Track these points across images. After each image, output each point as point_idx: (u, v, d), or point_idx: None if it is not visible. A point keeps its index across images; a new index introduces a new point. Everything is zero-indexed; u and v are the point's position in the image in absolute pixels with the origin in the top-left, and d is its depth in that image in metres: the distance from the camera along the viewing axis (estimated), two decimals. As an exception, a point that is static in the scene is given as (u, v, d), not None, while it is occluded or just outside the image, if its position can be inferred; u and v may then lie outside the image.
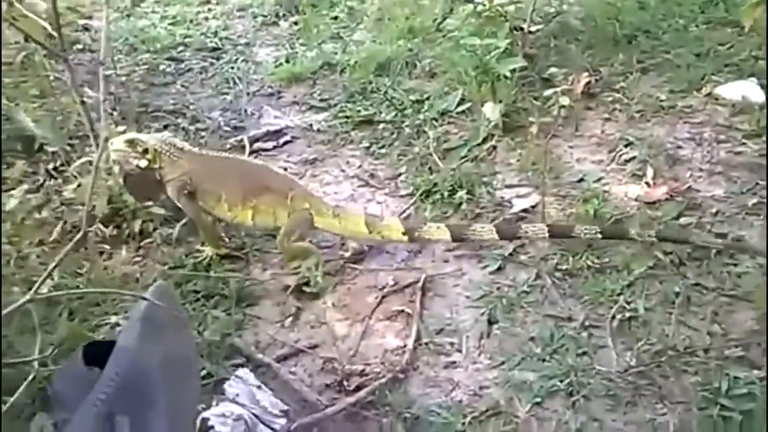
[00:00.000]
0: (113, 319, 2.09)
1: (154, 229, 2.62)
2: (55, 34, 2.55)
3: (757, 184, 2.60)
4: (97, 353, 1.45)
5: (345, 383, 2.02)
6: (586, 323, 2.12)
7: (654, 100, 3.13)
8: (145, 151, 2.43)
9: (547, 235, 2.29)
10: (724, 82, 3.20)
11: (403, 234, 2.37)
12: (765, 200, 2.49)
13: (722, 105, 3.09)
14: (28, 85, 3.10)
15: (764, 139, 2.84)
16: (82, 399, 1.31)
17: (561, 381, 1.95)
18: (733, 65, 3.33)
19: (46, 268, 2.39)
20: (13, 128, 2.93)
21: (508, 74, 2.96)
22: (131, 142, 2.43)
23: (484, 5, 3.11)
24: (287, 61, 3.80)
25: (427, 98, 3.34)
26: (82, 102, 2.66)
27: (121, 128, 2.90)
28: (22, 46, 3.07)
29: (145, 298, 1.52)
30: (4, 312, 1.53)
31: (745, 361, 1.94)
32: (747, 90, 3.10)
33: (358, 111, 3.31)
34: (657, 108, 3.09)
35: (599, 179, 2.71)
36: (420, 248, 2.50)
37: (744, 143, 2.84)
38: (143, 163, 2.44)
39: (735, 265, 2.25)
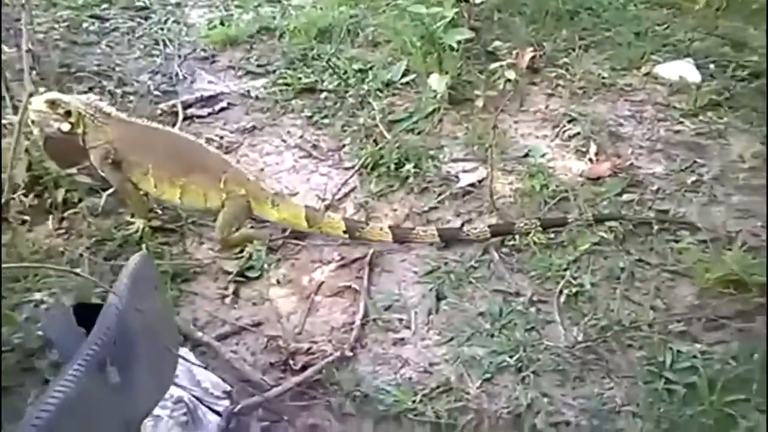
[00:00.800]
0: (37, 296, 1.91)
1: (79, 200, 2.43)
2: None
3: (695, 162, 2.67)
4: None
5: (290, 362, 1.95)
6: (534, 298, 2.12)
7: (596, 77, 3.15)
8: (68, 113, 2.24)
9: (489, 236, 2.29)
10: (662, 62, 3.26)
11: (344, 232, 2.30)
12: (703, 179, 2.56)
13: (661, 84, 3.14)
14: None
15: (701, 118, 2.92)
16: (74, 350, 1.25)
17: (510, 357, 1.94)
18: (670, 45, 3.40)
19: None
20: None
21: (455, 45, 2.90)
22: (53, 103, 2.22)
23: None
24: (222, 24, 3.58)
25: (371, 68, 3.23)
26: (-2, 58, 2.40)
27: (41, 89, 2.67)
28: None
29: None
30: None
31: (687, 336, 1.99)
32: (684, 70, 3.17)
33: (299, 78, 3.16)
34: (599, 85, 3.12)
35: (544, 155, 2.71)
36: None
37: (682, 122, 2.90)
38: (65, 127, 2.24)
39: (676, 241, 2.30)
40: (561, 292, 2.13)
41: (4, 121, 2.38)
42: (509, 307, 2.09)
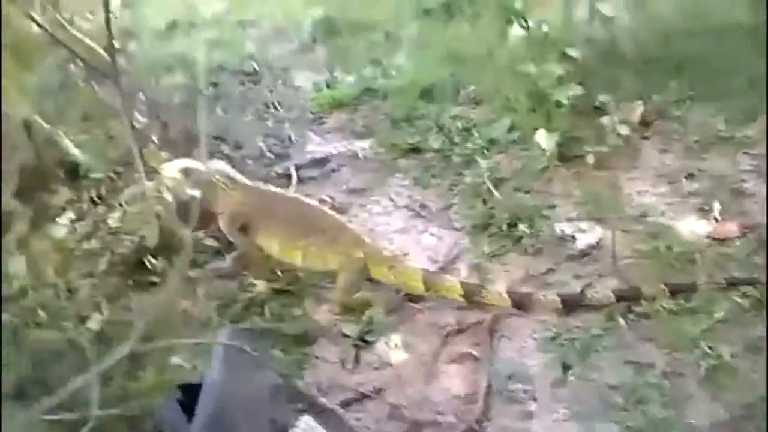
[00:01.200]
0: (174, 359, 1.99)
1: (205, 262, 2.54)
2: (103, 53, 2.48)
3: (830, 220, 2.50)
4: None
5: (415, 432, 1.92)
6: (668, 370, 2.01)
7: (711, 129, 3.04)
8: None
9: (614, 301, 2.21)
10: (780, 112, 3.11)
11: (462, 296, 2.27)
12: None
13: (782, 136, 2.99)
14: (70, 108, 3.03)
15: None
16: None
17: (649, 435, 1.84)
18: (787, 94, 3.24)
19: (95, 301, 2.34)
20: (55, 153, 2.85)
21: (564, 102, 2.88)
22: (186, 171, 2.36)
23: (530, 30, 3.04)
24: (328, 87, 3.73)
25: (474, 126, 3.26)
26: (132, 127, 2.58)
27: (165, 154, 2.84)
28: (65, 68, 3.00)
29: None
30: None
31: None
32: (807, 121, 3.00)
33: (404, 138, 3.22)
34: (715, 138, 3.00)
35: (663, 213, 2.61)
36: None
37: (809, 175, 2.74)
38: (197, 193, 2.36)
39: (819, 308, 2.14)
40: (698, 364, 2.01)
41: (138, 189, 2.54)
42: (642, 380, 1.99)
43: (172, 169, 2.39)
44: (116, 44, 3.86)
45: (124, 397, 1.75)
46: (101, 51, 2.52)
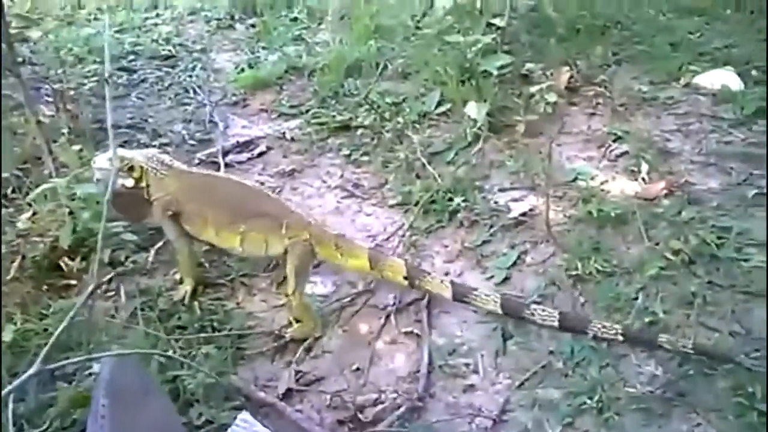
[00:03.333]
0: (95, 367, 1.86)
1: (126, 258, 2.39)
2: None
3: (752, 174, 2.57)
4: None
5: (359, 417, 1.86)
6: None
7: (635, 92, 3.08)
8: (131, 168, 2.22)
9: (557, 325, 2.02)
10: (701, 72, 3.18)
11: (404, 278, 2.15)
12: (764, 191, 2.46)
13: (703, 94, 3.07)
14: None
15: (749, 128, 2.83)
16: None
17: (590, 398, 1.84)
18: (707, 54, 3.33)
19: (6, 311, 2.17)
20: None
21: (493, 71, 2.85)
22: (117, 160, 2.19)
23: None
24: (250, 67, 3.58)
25: (404, 100, 3.20)
26: (38, 122, 2.39)
27: (76, 147, 2.66)
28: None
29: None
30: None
31: (774, 362, 1.88)
32: (725, 78, 3.08)
33: (333, 116, 3.13)
34: (640, 100, 3.05)
35: (593, 177, 2.63)
36: (418, 262, 2.36)
37: (731, 132, 2.82)
38: (129, 182, 2.22)
39: (745, 260, 2.19)
40: (632, 324, 2.03)
41: (47, 186, 2.36)
42: (580, 344, 1.99)
43: (101, 159, 2.23)
44: (14, 32, 3.61)
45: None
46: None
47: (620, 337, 1.96)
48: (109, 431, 1.25)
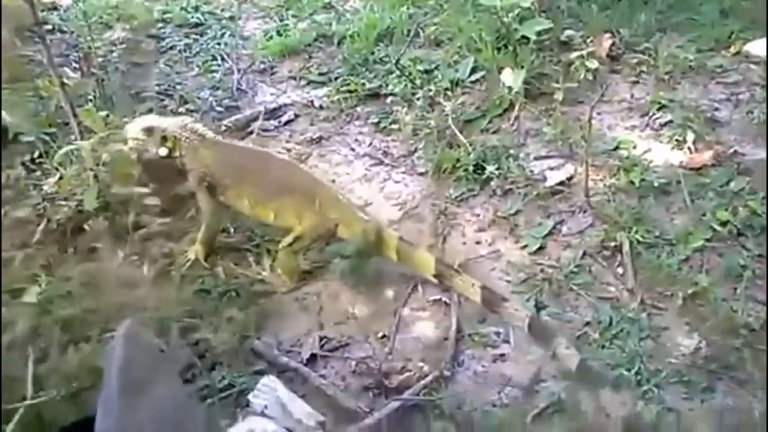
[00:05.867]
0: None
1: (150, 222, 2.35)
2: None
3: (806, 144, 2.41)
4: None
5: (385, 383, 1.79)
6: (647, 303, 1.91)
7: (682, 60, 2.91)
8: (165, 138, 2.21)
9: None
10: (751, 39, 3.00)
11: (433, 276, 2.05)
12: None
13: (753, 63, 2.89)
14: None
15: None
16: None
17: (628, 370, 1.74)
18: (758, 21, 3.13)
19: (30, 274, 2.15)
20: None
21: (531, 37, 2.72)
22: (149, 130, 2.20)
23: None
24: (278, 34, 3.49)
25: (436, 67, 3.08)
26: (62, 84, 2.35)
27: (102, 113, 2.62)
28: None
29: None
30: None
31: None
32: (778, 46, 2.90)
33: (363, 84, 3.04)
34: (686, 69, 2.88)
35: (635, 146, 2.50)
36: (448, 231, 2.27)
37: (783, 102, 2.65)
38: (163, 152, 2.21)
39: (798, 232, 2.05)
40: (675, 294, 1.91)
41: (71, 147, 2.33)
42: (619, 315, 1.89)
43: (134, 128, 2.20)
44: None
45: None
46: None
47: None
48: (120, 413, 1.21)
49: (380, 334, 1.96)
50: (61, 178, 2.45)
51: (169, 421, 1.33)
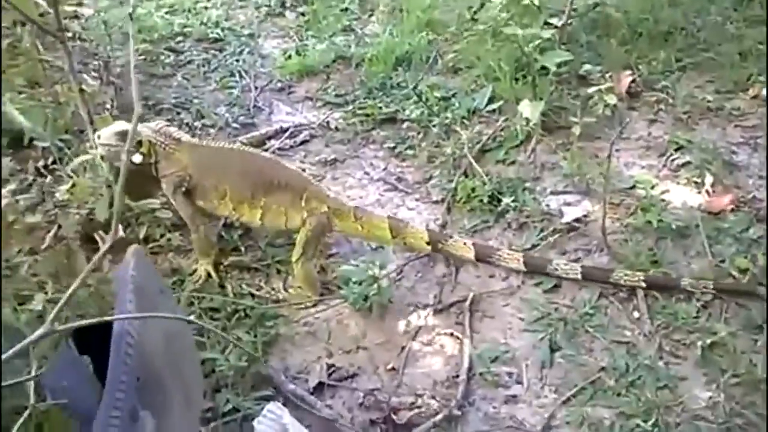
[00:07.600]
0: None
1: (161, 236, 2.32)
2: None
3: (826, 194, 2.39)
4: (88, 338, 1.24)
5: (393, 419, 1.75)
6: (665, 350, 1.88)
7: (700, 100, 2.90)
8: (139, 143, 2.13)
9: (580, 276, 2.09)
10: (771, 83, 2.99)
11: (427, 243, 2.16)
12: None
13: (773, 108, 2.88)
14: (15, 72, 2.76)
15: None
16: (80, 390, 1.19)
17: (644, 421, 1.70)
18: (778, 65, 3.13)
19: (37, 280, 2.12)
20: (-3, 121, 2.60)
21: (551, 69, 2.71)
22: (122, 135, 2.11)
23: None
24: (297, 54, 3.50)
25: (454, 95, 3.07)
26: (81, 90, 2.33)
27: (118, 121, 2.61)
28: (11, 30, 2.73)
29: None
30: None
31: None
32: (798, 92, 2.89)
33: (379, 108, 3.03)
34: (704, 109, 2.87)
35: (654, 186, 2.47)
36: (460, 264, 2.24)
37: (803, 149, 2.63)
38: (137, 158, 2.13)
39: (819, 283, 2.02)
40: (693, 344, 1.88)
41: (86, 157, 2.31)
42: (635, 361, 1.85)
43: (107, 134, 2.15)
44: (69, 9, 3.61)
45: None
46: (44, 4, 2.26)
47: (643, 284, 2.02)
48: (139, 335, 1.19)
49: (389, 366, 1.92)
50: (73, 185, 2.43)
51: (173, 339, 1.32)
